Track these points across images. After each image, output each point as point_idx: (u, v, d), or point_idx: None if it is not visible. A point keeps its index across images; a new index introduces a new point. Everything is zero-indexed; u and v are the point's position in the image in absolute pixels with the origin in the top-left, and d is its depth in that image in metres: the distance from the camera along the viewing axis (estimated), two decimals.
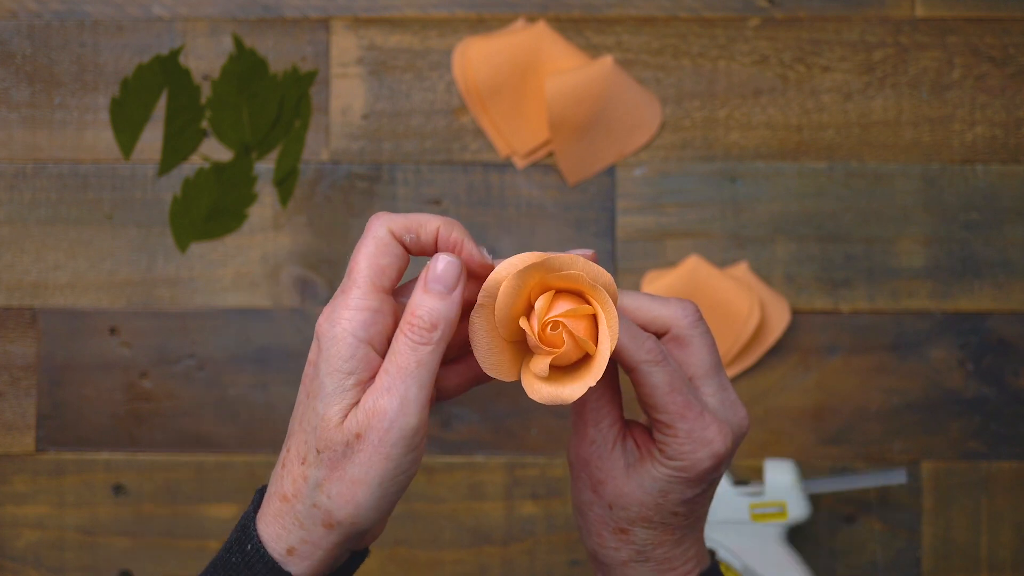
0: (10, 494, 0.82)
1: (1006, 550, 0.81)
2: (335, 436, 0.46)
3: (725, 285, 0.80)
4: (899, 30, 0.83)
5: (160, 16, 0.84)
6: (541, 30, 0.82)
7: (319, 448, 0.46)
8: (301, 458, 0.47)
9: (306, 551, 0.47)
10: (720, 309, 0.80)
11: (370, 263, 0.47)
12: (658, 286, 0.80)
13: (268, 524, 0.48)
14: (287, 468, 0.48)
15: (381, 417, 0.45)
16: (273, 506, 0.48)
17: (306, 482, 0.47)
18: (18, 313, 0.83)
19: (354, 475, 0.46)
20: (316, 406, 0.46)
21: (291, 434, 0.48)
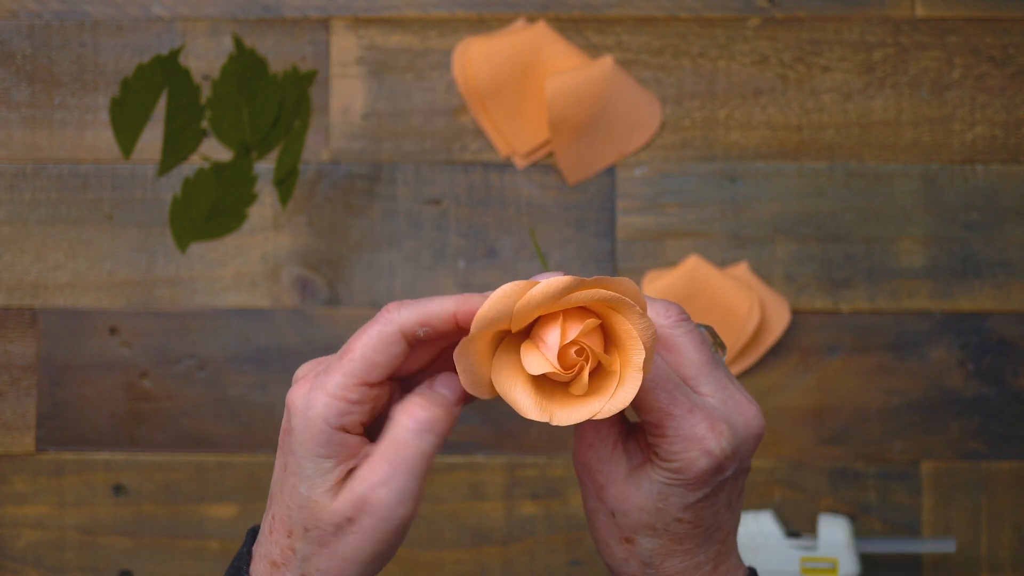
0: (10, 494, 0.82)
1: (1006, 550, 0.81)
2: (325, 518, 0.46)
3: (725, 285, 0.80)
4: (899, 30, 0.83)
5: (160, 16, 0.84)
6: (541, 30, 0.82)
7: (307, 527, 0.46)
8: (287, 531, 0.47)
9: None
10: (720, 309, 0.80)
11: (364, 356, 0.46)
12: (658, 286, 0.80)
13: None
14: (274, 535, 0.48)
15: (378, 507, 0.46)
16: (263, 568, 0.48)
17: (294, 554, 0.47)
18: (18, 313, 0.83)
19: (344, 554, 0.46)
20: (298, 486, 0.46)
21: (273, 499, 0.48)
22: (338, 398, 0.46)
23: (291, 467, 0.46)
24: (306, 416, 0.46)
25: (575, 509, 0.81)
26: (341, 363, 0.46)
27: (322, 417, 0.45)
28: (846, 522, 0.77)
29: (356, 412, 0.46)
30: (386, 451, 0.46)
